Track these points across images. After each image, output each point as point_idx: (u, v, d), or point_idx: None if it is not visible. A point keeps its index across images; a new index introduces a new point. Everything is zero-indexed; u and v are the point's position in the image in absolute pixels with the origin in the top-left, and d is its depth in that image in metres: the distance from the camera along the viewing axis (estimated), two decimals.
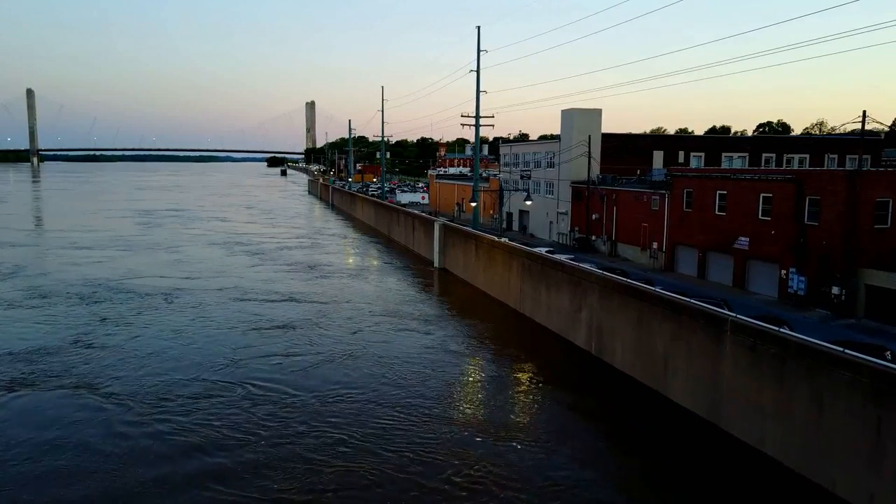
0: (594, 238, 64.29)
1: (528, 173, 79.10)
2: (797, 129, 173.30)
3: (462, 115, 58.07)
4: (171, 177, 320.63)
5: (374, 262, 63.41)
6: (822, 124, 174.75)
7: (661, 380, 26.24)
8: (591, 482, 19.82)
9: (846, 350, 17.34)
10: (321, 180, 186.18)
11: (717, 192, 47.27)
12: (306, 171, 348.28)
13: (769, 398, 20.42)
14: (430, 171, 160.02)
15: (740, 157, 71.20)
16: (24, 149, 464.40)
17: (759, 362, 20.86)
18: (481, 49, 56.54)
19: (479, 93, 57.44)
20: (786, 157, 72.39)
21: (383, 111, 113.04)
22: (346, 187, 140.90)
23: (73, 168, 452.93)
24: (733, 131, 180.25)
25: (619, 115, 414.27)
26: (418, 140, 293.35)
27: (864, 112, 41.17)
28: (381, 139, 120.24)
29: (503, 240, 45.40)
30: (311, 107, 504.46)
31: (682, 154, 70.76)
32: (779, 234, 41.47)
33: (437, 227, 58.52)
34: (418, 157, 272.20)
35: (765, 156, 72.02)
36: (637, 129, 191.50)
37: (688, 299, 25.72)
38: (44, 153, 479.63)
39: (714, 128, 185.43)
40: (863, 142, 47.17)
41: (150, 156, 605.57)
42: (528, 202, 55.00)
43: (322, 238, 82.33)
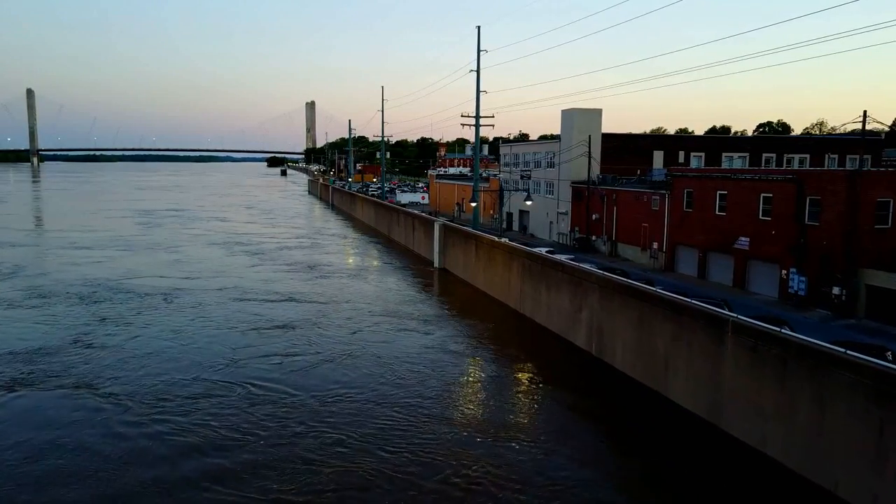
0: (594, 238, 64.23)
1: (529, 173, 79.04)
2: (797, 129, 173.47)
3: (462, 115, 58.09)
4: (171, 177, 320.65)
5: (374, 263, 63.34)
6: (822, 124, 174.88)
7: (662, 380, 26.18)
8: (591, 482, 19.76)
9: (848, 351, 17.27)
10: (321, 180, 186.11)
11: (718, 192, 47.21)
12: (306, 171, 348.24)
13: (770, 399, 20.35)
14: (430, 171, 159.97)
15: (740, 157, 71.15)
16: (24, 149, 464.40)
17: (760, 363, 20.78)
18: (481, 49, 56.59)
19: (479, 93, 57.42)
20: (786, 158, 72.33)
21: (383, 111, 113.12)
22: (346, 187, 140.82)
23: (73, 168, 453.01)
24: (733, 131, 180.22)
25: (619, 115, 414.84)
26: (418, 140, 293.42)
27: (864, 112, 41.19)
28: (381, 139, 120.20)
29: (503, 240, 45.33)
30: (311, 107, 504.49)
31: (682, 154, 70.71)
32: (779, 234, 41.42)
33: (437, 227, 58.46)
34: (418, 157, 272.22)
35: (765, 156, 71.96)
36: (637, 129, 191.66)
37: (688, 300, 25.65)
38: (44, 153, 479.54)
39: (714, 128, 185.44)
40: (863, 142, 47.15)
41: (150, 156, 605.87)
42: (528, 202, 54.99)
43: (322, 238, 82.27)
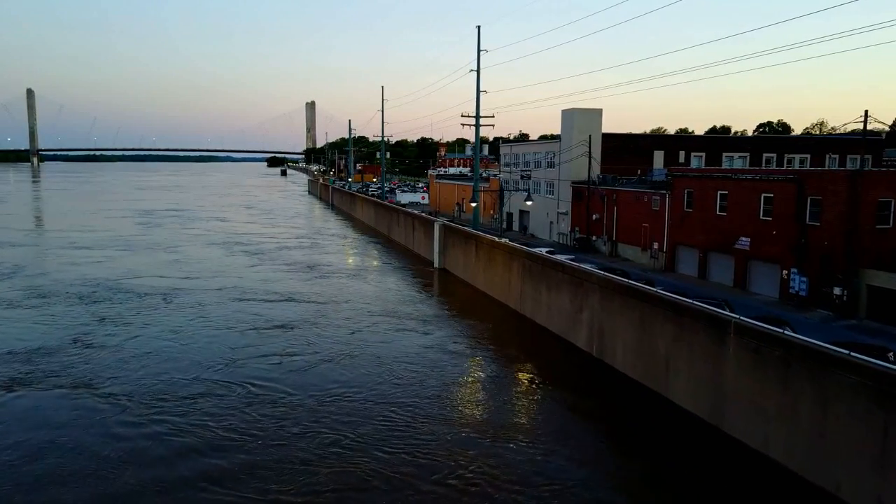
0: (594, 238, 64.14)
1: (529, 173, 78.95)
2: (797, 129, 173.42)
3: (462, 115, 58.02)
4: (171, 177, 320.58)
5: (374, 263, 63.25)
6: (822, 124, 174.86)
7: (663, 382, 26.07)
8: (591, 483, 19.66)
9: (852, 353, 17.16)
10: (321, 180, 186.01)
11: (718, 192, 47.11)
12: (306, 171, 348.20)
13: (773, 401, 20.23)
14: (430, 171, 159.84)
15: (741, 157, 71.07)
16: (24, 149, 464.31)
17: (762, 364, 20.66)
18: (481, 49, 56.50)
19: (479, 93, 57.33)
20: (786, 157, 72.23)
21: (383, 111, 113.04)
22: (346, 187, 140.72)
23: (73, 168, 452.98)
24: (733, 131, 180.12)
25: (619, 115, 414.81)
26: (418, 140, 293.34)
27: (865, 112, 41.13)
28: (381, 139, 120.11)
29: (503, 240, 45.23)
30: (311, 107, 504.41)
31: (682, 154, 70.62)
32: (780, 234, 41.32)
33: (436, 227, 58.36)
34: (418, 157, 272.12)
35: (765, 156, 71.86)
36: (637, 129, 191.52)
37: (690, 300, 25.55)
38: (44, 153, 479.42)
39: (714, 128, 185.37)
40: (864, 142, 47.08)
41: (150, 156, 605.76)
42: (528, 202, 54.88)
43: (322, 238, 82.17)
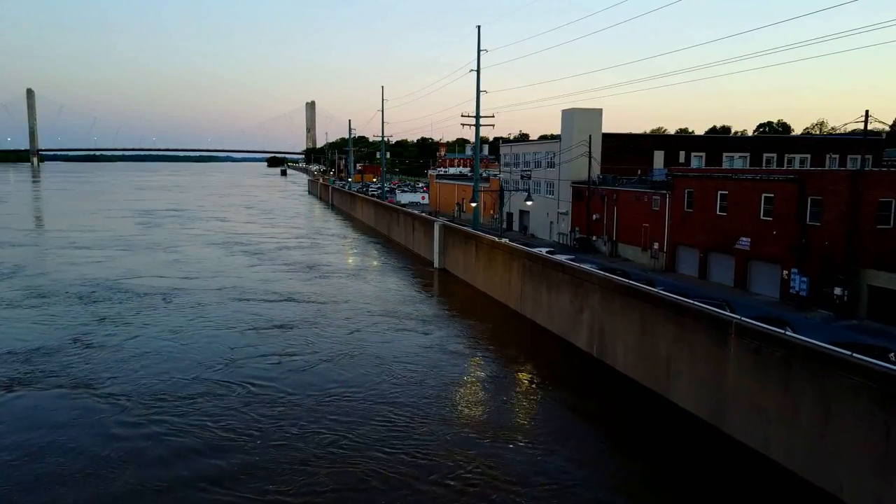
0: (595, 238, 64.08)
1: (529, 173, 78.89)
2: (797, 129, 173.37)
3: (462, 115, 57.97)
4: (171, 177, 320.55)
5: (374, 263, 63.18)
6: (822, 124, 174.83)
7: (664, 383, 25.99)
8: (591, 484, 19.59)
9: (854, 354, 17.07)
10: (321, 180, 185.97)
11: (719, 192, 47.05)
12: (306, 171, 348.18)
13: (774, 402, 20.14)
14: (430, 171, 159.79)
15: (741, 157, 71.00)
16: (24, 149, 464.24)
17: (764, 366, 20.57)
18: (481, 49, 56.43)
19: (479, 93, 57.27)
20: (787, 157, 72.15)
21: (383, 111, 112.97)
22: (346, 187, 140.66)
23: (73, 168, 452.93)
24: (733, 131, 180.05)
25: (619, 115, 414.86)
26: (418, 140, 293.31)
27: (866, 112, 41.02)
28: (381, 139, 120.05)
29: (503, 240, 45.16)
30: (311, 107, 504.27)
31: (682, 154, 70.55)
32: (780, 234, 41.26)
33: (436, 227, 58.29)
34: (418, 157, 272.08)
35: (766, 156, 71.79)
36: (637, 130, 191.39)
37: (691, 301, 25.49)
38: (44, 153, 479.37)
39: (714, 128, 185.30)
40: (865, 142, 47.02)
41: (150, 156, 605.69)
42: (528, 202, 54.85)
43: (321, 238, 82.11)
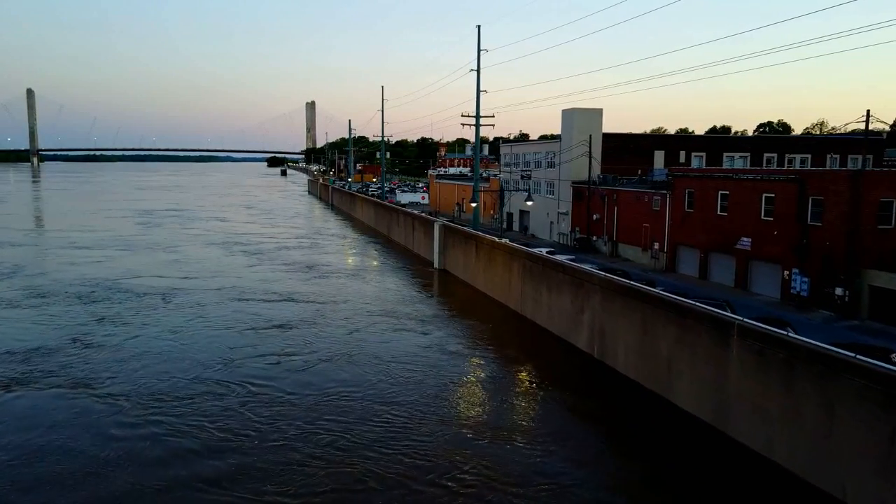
0: (595, 238, 63.98)
1: (529, 173, 78.80)
2: (797, 129, 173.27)
3: (462, 115, 57.86)
4: (171, 177, 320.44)
5: (374, 263, 63.10)
6: (822, 124, 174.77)
7: (665, 384, 25.89)
8: (591, 484, 19.50)
9: (858, 356, 16.95)
10: (321, 180, 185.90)
11: (719, 192, 46.94)
12: (306, 171, 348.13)
13: (777, 404, 20.01)
14: (430, 171, 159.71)
15: (742, 157, 70.91)
16: (24, 149, 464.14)
17: (766, 367, 20.44)
18: (481, 49, 56.32)
19: (479, 92, 57.17)
20: (787, 157, 72.05)
21: (383, 111, 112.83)
22: (346, 187, 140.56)
23: (73, 168, 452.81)
24: (733, 131, 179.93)
25: (619, 115, 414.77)
26: (418, 140, 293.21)
27: (867, 111, 40.95)
28: (381, 139, 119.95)
29: (504, 240, 45.07)
30: (311, 107, 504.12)
31: (683, 154, 70.46)
32: (781, 234, 41.16)
33: (436, 227, 58.19)
34: (418, 157, 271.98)
35: (766, 156, 71.68)
36: (637, 130, 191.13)
37: (692, 302, 25.39)
38: (44, 153, 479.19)
39: (714, 128, 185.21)
40: (866, 141, 46.95)
41: (150, 156, 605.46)
42: (528, 202, 54.76)
43: (321, 238, 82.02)
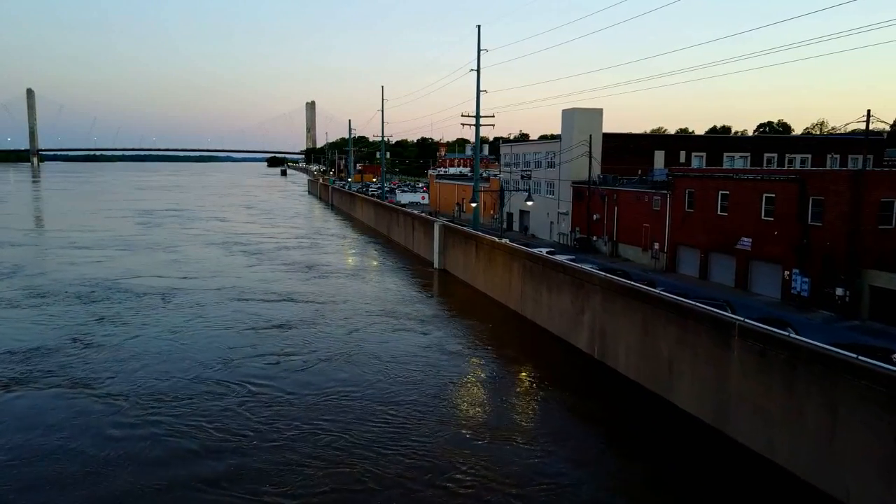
0: (595, 238, 63.92)
1: (529, 173, 78.73)
2: (797, 129, 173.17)
3: (462, 115, 57.77)
4: (171, 177, 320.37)
5: (373, 263, 63.03)
6: (822, 124, 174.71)
7: (666, 385, 25.80)
8: (592, 485, 19.43)
9: (860, 357, 16.87)
10: (321, 180, 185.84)
11: (720, 192, 46.88)
12: (306, 171, 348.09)
13: (779, 405, 19.92)
14: (430, 171, 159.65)
15: (742, 157, 70.86)
16: (24, 149, 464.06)
17: (768, 368, 20.35)
18: (481, 48, 56.25)
19: (479, 92, 57.09)
20: (787, 157, 71.99)
21: (383, 111, 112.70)
22: (346, 187, 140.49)
23: (73, 168, 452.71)
24: (733, 131, 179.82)
25: (619, 115, 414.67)
26: (418, 140, 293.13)
27: (868, 111, 40.87)
28: (381, 139, 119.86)
29: (504, 241, 45.00)
30: (311, 107, 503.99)
31: (683, 154, 70.40)
32: (782, 234, 41.10)
33: (436, 227, 58.12)
34: (418, 157, 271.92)
35: (766, 156, 71.62)
36: (637, 129, 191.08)
37: (693, 302, 25.31)
38: (44, 153, 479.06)
39: (714, 128, 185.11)
40: (867, 141, 46.88)
41: (150, 156, 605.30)
42: (528, 202, 54.72)
43: (321, 238, 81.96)
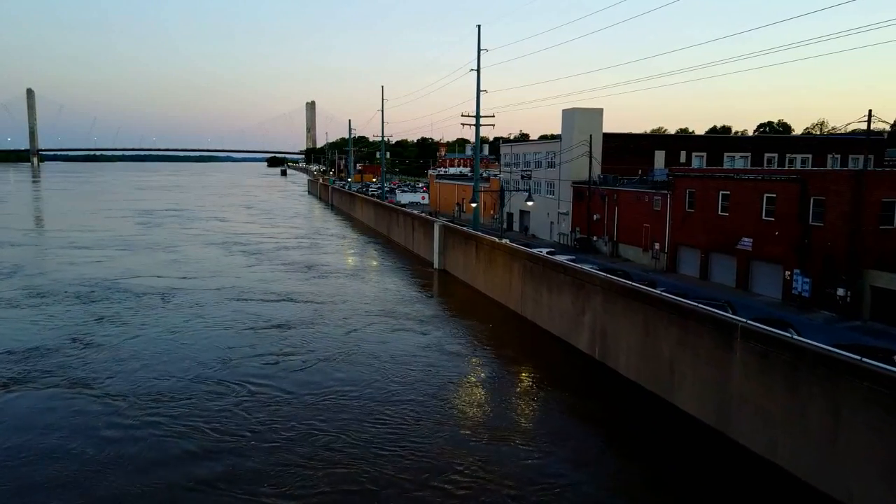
0: (595, 238, 63.83)
1: (529, 173, 78.64)
2: (797, 129, 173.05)
3: (462, 115, 57.67)
4: (171, 177, 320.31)
5: (373, 263, 62.93)
6: (822, 124, 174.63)
7: (667, 386, 25.70)
8: (592, 486, 19.33)
9: (864, 359, 16.76)
10: (321, 180, 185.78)
11: (720, 192, 46.79)
12: (306, 171, 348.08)
13: (781, 407, 19.81)
14: (430, 171, 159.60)
15: (742, 157, 70.77)
16: (24, 149, 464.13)
17: (770, 369, 20.24)
18: (481, 48, 56.15)
19: (479, 92, 57.00)
20: (788, 157, 71.91)
21: (383, 111, 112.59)
22: (346, 187, 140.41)
23: (73, 168, 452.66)
24: (734, 131, 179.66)
25: (619, 115, 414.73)
26: (418, 140, 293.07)
27: (869, 111, 40.79)
28: (381, 139, 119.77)
29: (504, 241, 44.91)
30: (311, 107, 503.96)
31: (683, 154, 70.32)
32: (782, 234, 41.01)
33: (436, 227, 58.01)
34: (418, 157, 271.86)
35: (767, 156, 71.53)
36: (637, 130, 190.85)
37: (695, 303, 25.20)
38: (44, 153, 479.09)
39: (714, 128, 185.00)
40: (868, 141, 46.81)
41: (150, 156, 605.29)
42: (528, 203, 54.63)
43: (321, 238, 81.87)
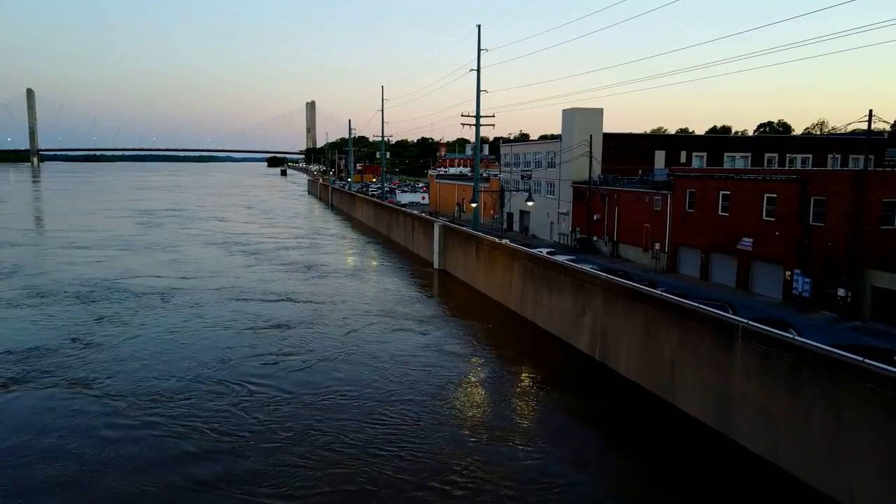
0: (595, 239, 63.78)
1: (529, 173, 78.59)
2: (797, 129, 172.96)
3: (462, 115, 57.59)
4: (171, 177, 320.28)
5: (373, 263, 62.88)
6: (822, 124, 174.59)
7: (668, 387, 25.64)
8: (592, 487, 19.28)
9: (866, 360, 16.69)
10: (321, 180, 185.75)
11: (721, 192, 46.73)
12: (306, 171, 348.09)
13: (782, 408, 19.75)
14: (430, 172, 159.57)
15: (743, 157, 70.71)
16: (24, 149, 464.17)
17: (771, 370, 20.19)
18: (481, 48, 56.09)
19: (479, 92, 56.93)
20: (788, 157, 71.86)
21: (383, 111, 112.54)
22: (346, 187, 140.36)
23: (73, 168, 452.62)
24: (734, 131, 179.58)
25: (619, 114, 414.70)
26: (418, 140, 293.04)
27: (870, 112, 40.64)
28: (381, 139, 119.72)
29: (504, 241, 44.86)
30: (311, 107, 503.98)
31: (683, 154, 70.27)
32: (783, 234, 40.95)
33: (436, 227, 57.96)
34: (418, 157, 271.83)
35: (767, 156, 71.47)
36: (637, 130, 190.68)
37: (696, 304, 25.14)
38: (44, 153, 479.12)
39: (714, 128, 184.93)
40: (868, 141, 46.75)
41: (150, 156, 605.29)
42: (529, 203, 54.57)
43: (321, 238, 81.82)
